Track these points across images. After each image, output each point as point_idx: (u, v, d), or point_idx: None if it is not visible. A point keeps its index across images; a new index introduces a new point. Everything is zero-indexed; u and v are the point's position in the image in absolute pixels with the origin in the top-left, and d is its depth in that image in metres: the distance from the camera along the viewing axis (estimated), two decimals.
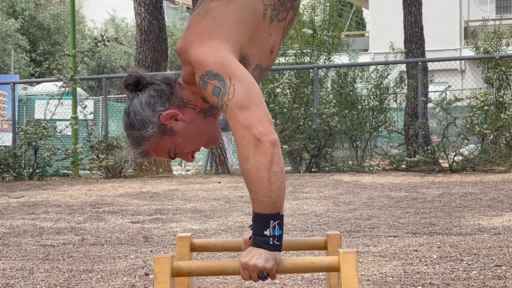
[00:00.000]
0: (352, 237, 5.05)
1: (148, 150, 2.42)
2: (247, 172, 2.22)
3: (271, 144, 2.22)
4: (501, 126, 11.11)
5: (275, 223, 2.24)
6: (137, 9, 12.70)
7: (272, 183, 2.21)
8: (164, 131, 2.38)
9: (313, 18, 16.94)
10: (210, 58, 2.29)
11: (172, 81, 2.43)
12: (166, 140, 2.40)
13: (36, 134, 11.76)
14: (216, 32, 2.33)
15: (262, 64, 2.45)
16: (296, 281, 3.45)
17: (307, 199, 7.75)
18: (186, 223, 6.15)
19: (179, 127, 2.39)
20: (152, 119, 2.37)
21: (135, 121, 2.39)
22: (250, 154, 2.21)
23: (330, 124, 11.49)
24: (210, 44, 2.31)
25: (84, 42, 28.89)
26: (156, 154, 2.45)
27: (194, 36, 2.35)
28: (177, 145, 2.41)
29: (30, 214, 7.00)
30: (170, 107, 2.39)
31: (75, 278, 3.71)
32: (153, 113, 2.37)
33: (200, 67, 2.30)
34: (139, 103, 2.39)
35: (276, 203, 2.22)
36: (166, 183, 10.04)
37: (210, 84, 2.27)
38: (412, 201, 7.22)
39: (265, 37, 2.42)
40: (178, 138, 2.40)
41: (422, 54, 13.23)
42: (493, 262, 3.75)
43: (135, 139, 2.41)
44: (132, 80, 2.43)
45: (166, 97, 2.39)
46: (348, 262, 2.33)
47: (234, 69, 2.29)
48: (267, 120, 2.24)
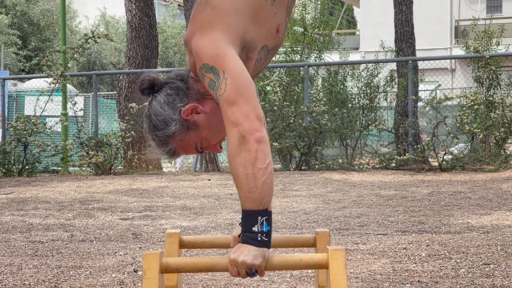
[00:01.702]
0: (341, 235, 5.06)
1: (175, 148, 2.43)
2: (234, 169, 2.24)
3: (256, 141, 2.23)
4: (490, 125, 11.15)
5: (263, 219, 2.24)
6: (128, 5, 12.68)
7: (256, 179, 2.21)
8: (187, 126, 2.39)
9: (304, 16, 16.93)
10: (207, 50, 2.30)
11: (185, 76, 2.44)
12: (192, 135, 2.41)
13: (25, 131, 11.72)
14: (217, 22, 2.34)
15: (268, 44, 2.45)
16: (285, 278, 3.45)
17: (297, 197, 7.76)
18: (175, 220, 6.15)
19: (202, 119, 2.39)
20: (174, 117, 2.38)
21: (158, 122, 2.39)
22: (236, 151, 2.22)
23: (320, 122, 11.49)
24: (210, 35, 2.32)
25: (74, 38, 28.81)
26: (184, 151, 2.46)
27: (196, 27, 2.37)
28: (203, 138, 2.42)
29: (19, 210, 6.98)
30: (189, 101, 2.40)
31: (64, 274, 3.70)
32: (174, 110, 2.38)
33: (199, 59, 2.32)
34: (158, 104, 2.40)
35: (262, 199, 2.22)
36: (156, 180, 10.03)
37: (206, 77, 2.29)
38: (402, 200, 7.24)
39: (269, 17, 2.41)
40: (203, 131, 2.40)
41: (413, 53, 13.25)
42: (482, 261, 3.76)
43: (160, 139, 2.41)
44: (146, 84, 2.43)
45: (183, 92, 2.40)
46: (337, 259, 2.33)
47: (229, 62, 2.29)
48: (254, 117, 2.25)
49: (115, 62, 30.36)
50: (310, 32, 16.08)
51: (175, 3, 38.32)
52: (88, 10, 35.66)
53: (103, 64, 30.23)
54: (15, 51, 27.65)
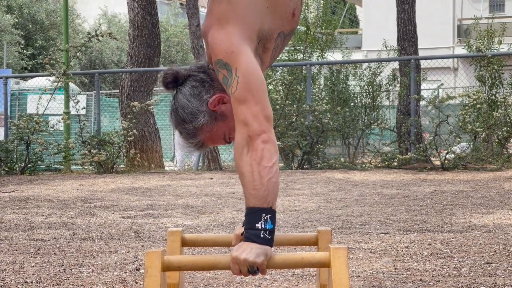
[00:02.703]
0: (343, 233, 5.06)
1: (204, 139, 2.44)
2: (239, 167, 2.25)
3: (263, 142, 2.24)
4: (493, 124, 11.14)
5: (267, 217, 2.24)
6: (131, 4, 12.67)
7: (262, 176, 2.22)
8: (215, 117, 2.40)
9: (306, 15, 16.93)
10: (222, 45, 2.31)
11: (206, 68, 2.44)
12: (220, 125, 2.41)
13: (28, 129, 11.73)
14: (233, 16, 2.34)
15: (284, 30, 2.45)
16: (287, 277, 3.45)
17: (299, 195, 7.76)
18: (177, 218, 6.15)
19: (229, 109, 2.39)
20: (201, 108, 2.39)
21: (185, 115, 2.40)
22: (243, 151, 2.24)
23: (322, 121, 11.49)
24: (226, 29, 2.33)
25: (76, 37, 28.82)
26: (212, 142, 2.46)
27: (213, 20, 2.37)
28: (231, 128, 2.41)
29: (22, 208, 6.99)
30: (215, 92, 2.41)
31: (66, 272, 3.70)
32: (201, 102, 2.39)
33: (214, 54, 2.33)
34: (184, 97, 2.41)
35: (266, 196, 2.23)
36: (158, 179, 10.03)
37: (220, 73, 2.31)
38: (404, 199, 7.23)
39: (284, 3, 2.41)
40: (231, 121, 2.39)
41: (415, 51, 13.23)
42: (484, 260, 3.76)
43: (188, 132, 2.42)
44: (170, 78, 2.44)
45: (209, 84, 2.41)
46: (339, 258, 2.33)
47: (242, 60, 2.30)
48: (263, 117, 2.26)
49: (116, 61, 30.36)
50: (312, 31, 16.08)
51: (177, 2, 38.32)
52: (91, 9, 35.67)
53: (105, 63, 30.22)
54: (19, 50, 27.67)
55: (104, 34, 12.69)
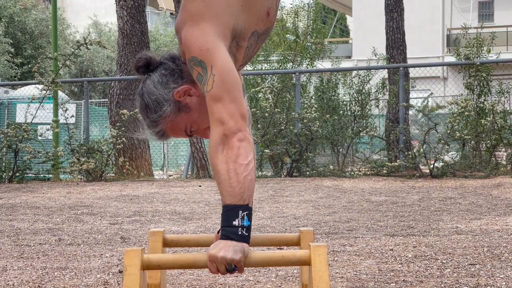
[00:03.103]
0: (330, 238, 5.05)
1: (165, 129, 2.44)
2: (215, 165, 2.25)
3: (238, 140, 2.25)
4: (481, 132, 11.16)
5: (244, 214, 2.24)
6: (120, 12, 12.67)
7: (238, 174, 2.22)
8: (179, 107, 2.40)
9: (296, 24, 16.97)
10: (197, 43, 2.31)
11: (179, 59, 2.45)
12: (183, 117, 2.42)
13: (16, 137, 11.68)
14: (207, 13, 2.34)
15: (258, 29, 2.45)
16: (270, 278, 3.44)
17: (287, 202, 7.75)
18: (164, 224, 6.13)
19: (194, 102, 2.40)
20: (167, 97, 2.39)
21: (150, 101, 2.41)
22: (218, 149, 2.24)
23: (311, 129, 11.49)
24: (200, 26, 2.33)
25: (66, 46, 28.79)
26: (173, 133, 2.46)
27: (186, 17, 2.37)
28: (193, 121, 2.43)
29: (8, 215, 6.95)
30: (183, 83, 2.41)
31: (48, 275, 3.68)
32: (167, 91, 2.40)
33: (188, 51, 2.33)
34: (152, 83, 2.42)
35: (243, 193, 2.23)
36: (147, 186, 10.01)
37: (195, 70, 2.31)
38: (392, 205, 7.23)
39: (259, 1, 2.41)
40: (194, 114, 2.41)
41: (404, 59, 13.27)
42: (468, 261, 3.75)
43: (151, 119, 2.42)
44: (142, 62, 2.45)
45: (178, 74, 2.42)
46: (319, 255, 2.33)
47: (217, 58, 2.30)
48: (239, 115, 2.26)
49: (107, 70, 30.34)
50: (302, 40, 16.11)
51: (167, 11, 38.34)
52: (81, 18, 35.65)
53: (95, 72, 30.20)
54: (8, 59, 27.62)
55: (93, 43, 12.67)
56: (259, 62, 16.28)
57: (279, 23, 18.31)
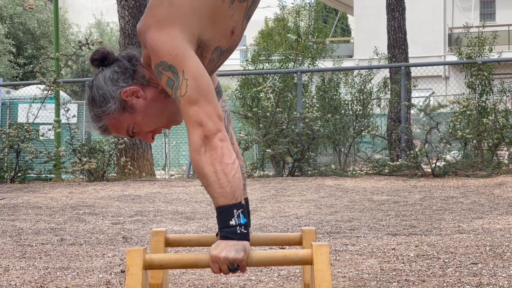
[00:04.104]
0: (332, 237, 5.05)
1: (108, 125, 2.44)
2: (200, 168, 2.24)
3: (220, 140, 2.25)
4: (483, 131, 11.15)
5: (239, 212, 2.25)
6: (121, 12, 12.67)
7: (226, 173, 2.23)
8: (124, 107, 2.40)
9: (297, 23, 16.95)
10: (165, 47, 2.29)
11: (135, 59, 2.45)
12: (126, 116, 2.42)
13: (18, 137, 11.69)
14: (174, 19, 2.32)
15: (222, 46, 2.44)
16: (272, 277, 3.44)
17: (289, 202, 7.75)
18: (166, 224, 6.13)
19: (140, 104, 2.41)
20: (114, 94, 2.39)
21: (97, 95, 2.41)
22: (201, 151, 2.24)
23: (313, 128, 11.49)
24: (167, 31, 2.31)
25: (68, 46, 28.81)
26: (115, 130, 2.46)
27: (152, 21, 2.35)
28: (136, 123, 2.43)
29: (10, 215, 6.95)
30: (132, 84, 2.41)
31: (51, 275, 3.68)
32: (115, 88, 2.39)
33: (156, 56, 2.30)
34: (103, 78, 2.42)
35: (234, 192, 2.23)
36: (149, 186, 10.01)
37: (164, 75, 2.29)
38: (394, 204, 7.23)
39: (225, 19, 2.39)
40: (138, 116, 2.41)
41: (405, 59, 13.27)
42: (470, 260, 3.75)
43: (95, 113, 2.43)
44: (98, 55, 2.45)
45: (130, 74, 2.41)
46: (321, 254, 2.33)
47: (188, 62, 2.29)
48: (216, 116, 2.27)
49: None
50: (303, 40, 16.10)
51: None
52: (83, 18, 35.67)
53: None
54: (10, 59, 27.65)
55: (95, 43, 12.67)
56: (261, 62, 16.28)
57: (281, 22, 18.31)
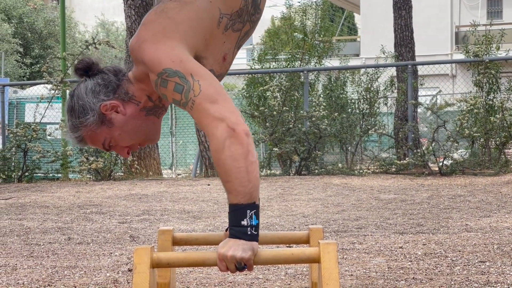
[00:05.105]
0: (339, 236, 5.04)
1: (84, 136, 2.42)
2: (223, 163, 2.21)
3: (246, 134, 2.22)
4: (490, 129, 11.13)
5: (252, 213, 2.23)
6: (127, 11, 12.68)
7: (249, 172, 2.21)
8: (102, 120, 2.38)
9: (304, 22, 16.94)
10: (167, 56, 2.27)
11: (121, 73, 2.43)
12: (103, 130, 2.40)
13: (25, 137, 11.71)
14: (172, 31, 2.31)
15: (215, 70, 2.42)
16: (280, 276, 3.44)
17: (296, 200, 7.74)
18: (173, 223, 6.14)
19: (118, 119, 2.39)
20: (93, 107, 2.37)
21: (77, 105, 2.39)
22: (225, 144, 2.20)
23: (320, 127, 11.48)
24: (165, 42, 2.30)
25: (75, 46, 28.87)
26: (92, 142, 2.45)
27: (147, 35, 2.33)
28: (113, 137, 2.41)
29: (18, 214, 6.97)
30: (113, 98, 2.39)
31: (58, 274, 3.69)
32: (96, 100, 2.38)
33: (157, 66, 2.28)
34: (85, 89, 2.40)
35: (252, 192, 2.22)
36: (156, 186, 10.01)
37: (170, 82, 2.26)
38: (401, 203, 7.22)
39: (218, 44, 2.39)
40: (115, 131, 2.40)
41: (412, 57, 13.24)
42: (477, 259, 3.74)
43: (73, 123, 2.41)
44: (82, 65, 2.43)
45: (112, 88, 2.39)
46: (329, 253, 2.33)
47: (194, 66, 2.27)
48: (238, 113, 2.25)
49: None
50: (310, 38, 16.09)
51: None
52: (89, 18, 35.72)
53: None
54: (17, 59, 27.73)
55: (102, 42, 12.69)
56: (267, 61, 16.27)
57: (287, 21, 18.30)
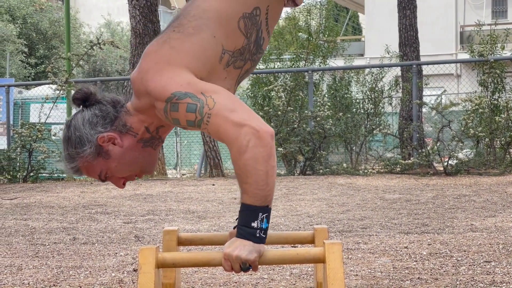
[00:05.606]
0: (344, 236, 5.04)
1: (80, 167, 2.40)
2: (244, 164, 2.19)
3: (271, 136, 2.21)
4: (495, 129, 11.11)
5: (264, 216, 2.23)
6: (132, 12, 12.69)
7: (269, 176, 2.20)
8: (99, 152, 2.36)
9: (308, 22, 16.94)
10: (173, 81, 2.25)
11: (119, 105, 2.41)
12: (100, 161, 2.38)
13: (30, 137, 11.73)
14: (175, 59, 2.29)
15: None
16: (285, 276, 3.44)
17: (301, 200, 7.74)
18: (178, 223, 6.14)
19: (115, 151, 2.37)
20: (90, 138, 2.35)
21: (74, 136, 2.37)
22: (249, 145, 2.17)
23: (324, 127, 11.48)
24: (168, 70, 2.28)
25: (79, 46, 28.90)
26: (87, 173, 2.43)
27: (149, 64, 2.31)
28: (109, 168, 2.39)
29: (23, 214, 6.98)
30: (110, 130, 2.37)
31: (63, 274, 3.70)
32: (93, 132, 2.36)
33: (164, 92, 2.26)
34: (82, 120, 2.38)
35: (268, 196, 2.21)
36: (160, 186, 10.02)
37: (182, 104, 2.24)
38: (406, 203, 7.21)
39: (219, 78, 2.37)
40: (112, 162, 2.38)
41: (417, 57, 13.23)
42: (483, 258, 3.74)
43: (70, 153, 2.39)
44: (80, 95, 2.41)
45: (110, 119, 2.38)
46: (334, 253, 2.33)
47: (204, 85, 2.26)
48: (259, 117, 2.24)
49: (120, 70, 30.42)
50: (314, 38, 16.08)
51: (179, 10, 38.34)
52: (94, 18, 35.75)
53: (108, 72, 30.28)
54: (22, 59, 27.78)
55: (107, 43, 12.70)
56: (272, 61, 16.28)
57: (292, 21, 18.29)
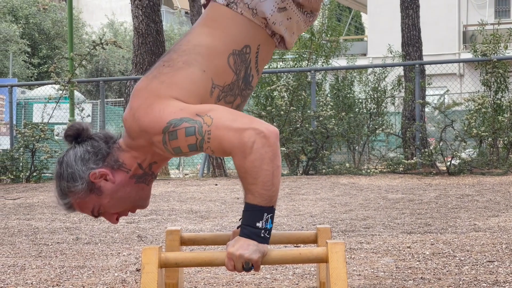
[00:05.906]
0: (347, 236, 5.04)
1: (73, 203, 2.39)
2: (251, 166, 2.18)
3: (276, 136, 2.21)
4: (498, 129, 11.10)
5: (268, 216, 2.23)
6: (135, 11, 12.70)
7: (274, 176, 2.20)
8: (91, 188, 2.35)
9: None
10: (165, 111, 2.24)
11: (112, 140, 2.40)
12: (92, 198, 2.37)
13: (33, 137, 11.74)
14: (164, 92, 2.28)
15: None
16: (288, 276, 3.44)
17: (304, 200, 7.74)
18: (181, 223, 6.14)
19: (108, 187, 2.36)
20: (82, 175, 2.34)
21: (66, 173, 2.36)
22: (254, 146, 2.17)
23: (327, 126, 11.47)
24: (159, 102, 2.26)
25: (82, 46, 28.92)
26: (80, 209, 2.42)
27: (140, 101, 2.30)
28: (102, 204, 2.38)
29: (26, 214, 6.99)
30: (103, 166, 2.36)
31: (66, 273, 3.70)
32: (85, 168, 2.34)
33: (158, 124, 2.24)
34: (74, 156, 2.37)
35: (273, 196, 2.21)
36: (163, 185, 10.03)
37: (179, 130, 2.22)
38: (409, 203, 7.21)
39: None
40: (104, 199, 2.37)
41: (420, 57, 13.22)
42: (486, 258, 3.74)
43: (62, 189, 2.38)
44: (72, 132, 2.40)
45: (102, 155, 2.36)
46: (337, 252, 2.33)
47: (197, 107, 2.25)
48: (262, 121, 2.24)
49: (123, 70, 30.44)
50: (317, 38, 16.06)
51: (182, 11, 38.39)
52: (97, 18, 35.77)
53: (111, 71, 30.30)
54: (25, 59, 27.81)
55: (109, 43, 12.71)
56: (274, 61, 16.27)
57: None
